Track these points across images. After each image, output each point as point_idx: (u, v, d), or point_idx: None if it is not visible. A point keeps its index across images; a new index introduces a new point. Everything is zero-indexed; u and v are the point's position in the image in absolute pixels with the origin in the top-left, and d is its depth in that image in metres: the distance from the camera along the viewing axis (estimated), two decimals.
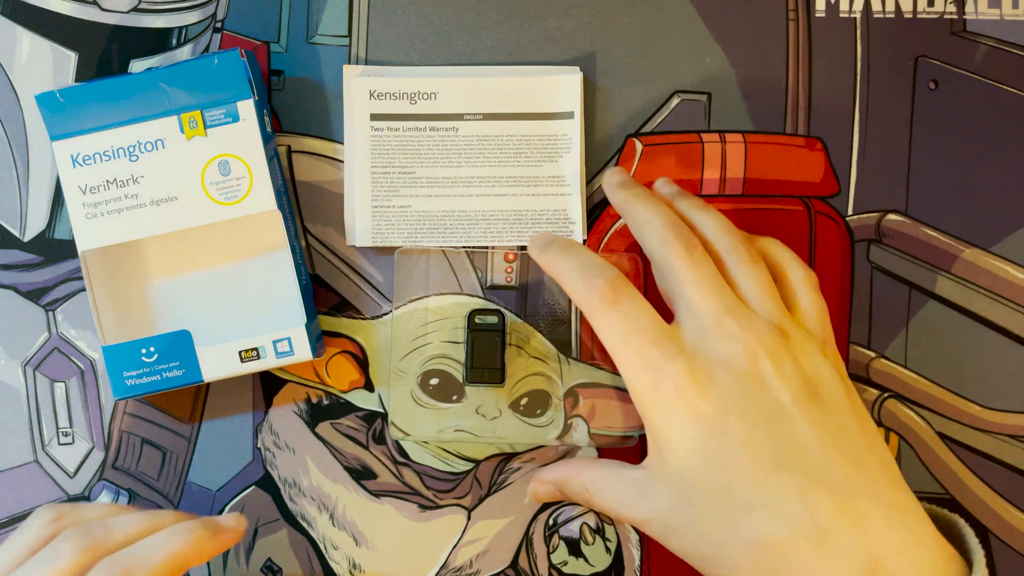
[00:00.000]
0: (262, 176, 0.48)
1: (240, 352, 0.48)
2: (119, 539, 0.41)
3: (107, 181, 0.48)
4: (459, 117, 0.51)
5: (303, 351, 0.49)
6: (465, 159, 0.51)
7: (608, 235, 0.52)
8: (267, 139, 0.48)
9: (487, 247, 0.52)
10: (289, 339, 0.49)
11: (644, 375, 0.42)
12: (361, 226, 0.51)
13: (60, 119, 0.47)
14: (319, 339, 0.51)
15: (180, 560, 0.41)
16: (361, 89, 0.51)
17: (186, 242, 0.50)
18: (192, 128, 0.48)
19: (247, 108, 0.48)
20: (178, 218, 0.48)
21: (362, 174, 0.51)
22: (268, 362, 0.49)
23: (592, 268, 0.44)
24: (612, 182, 0.48)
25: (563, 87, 0.51)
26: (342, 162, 0.52)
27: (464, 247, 0.52)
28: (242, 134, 0.48)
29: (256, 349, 0.48)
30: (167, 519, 0.43)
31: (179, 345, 0.48)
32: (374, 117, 0.51)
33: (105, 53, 0.51)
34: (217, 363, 0.48)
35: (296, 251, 0.50)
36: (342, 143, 0.52)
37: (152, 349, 0.48)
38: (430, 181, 0.51)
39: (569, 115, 0.51)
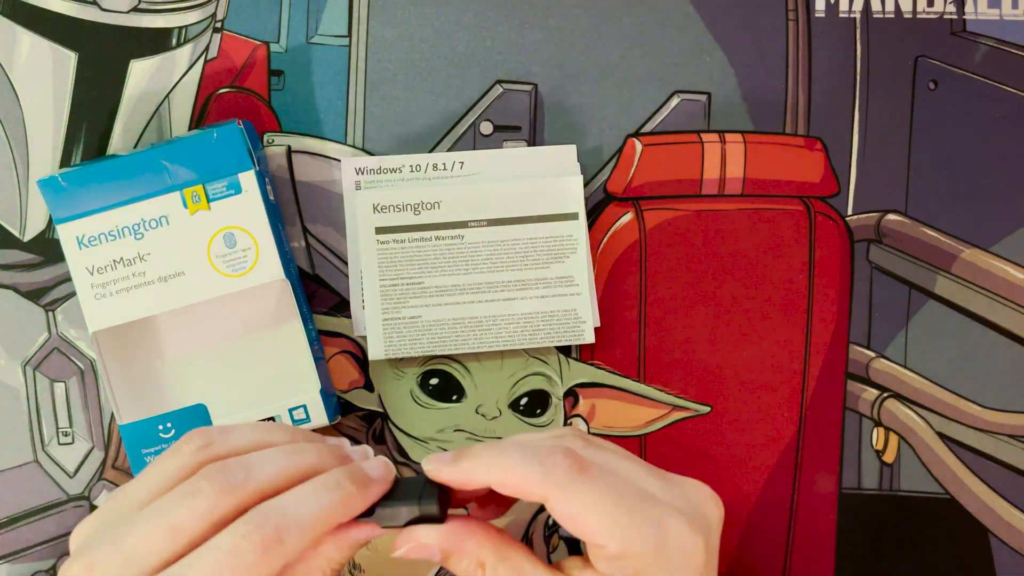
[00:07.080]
0: (268, 245, 0.48)
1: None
2: (263, 483, 0.38)
3: (114, 261, 0.47)
4: (464, 224, 0.51)
5: (319, 417, 0.49)
6: (472, 265, 0.51)
7: (608, 235, 0.52)
8: (270, 208, 0.49)
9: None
10: (305, 406, 0.49)
11: (646, 532, 0.38)
12: (374, 339, 0.51)
13: (64, 202, 0.47)
14: (335, 403, 0.51)
15: (328, 520, 0.38)
16: (365, 204, 0.51)
17: (197, 316, 0.49)
18: (195, 203, 0.48)
19: (248, 179, 0.48)
20: (187, 293, 0.48)
21: (371, 287, 0.51)
22: None
23: (538, 447, 0.39)
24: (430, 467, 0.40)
25: (565, 189, 0.51)
26: (340, 161, 0.52)
27: (476, 353, 0.52)
28: (245, 205, 0.48)
29: (272, 419, 0.49)
30: (310, 457, 0.40)
31: (196, 419, 0.48)
32: (379, 231, 0.51)
33: (105, 53, 0.51)
34: None
35: (307, 319, 0.50)
36: (342, 143, 0.52)
37: (169, 425, 0.48)
38: (439, 290, 0.51)
39: (573, 216, 0.51)
